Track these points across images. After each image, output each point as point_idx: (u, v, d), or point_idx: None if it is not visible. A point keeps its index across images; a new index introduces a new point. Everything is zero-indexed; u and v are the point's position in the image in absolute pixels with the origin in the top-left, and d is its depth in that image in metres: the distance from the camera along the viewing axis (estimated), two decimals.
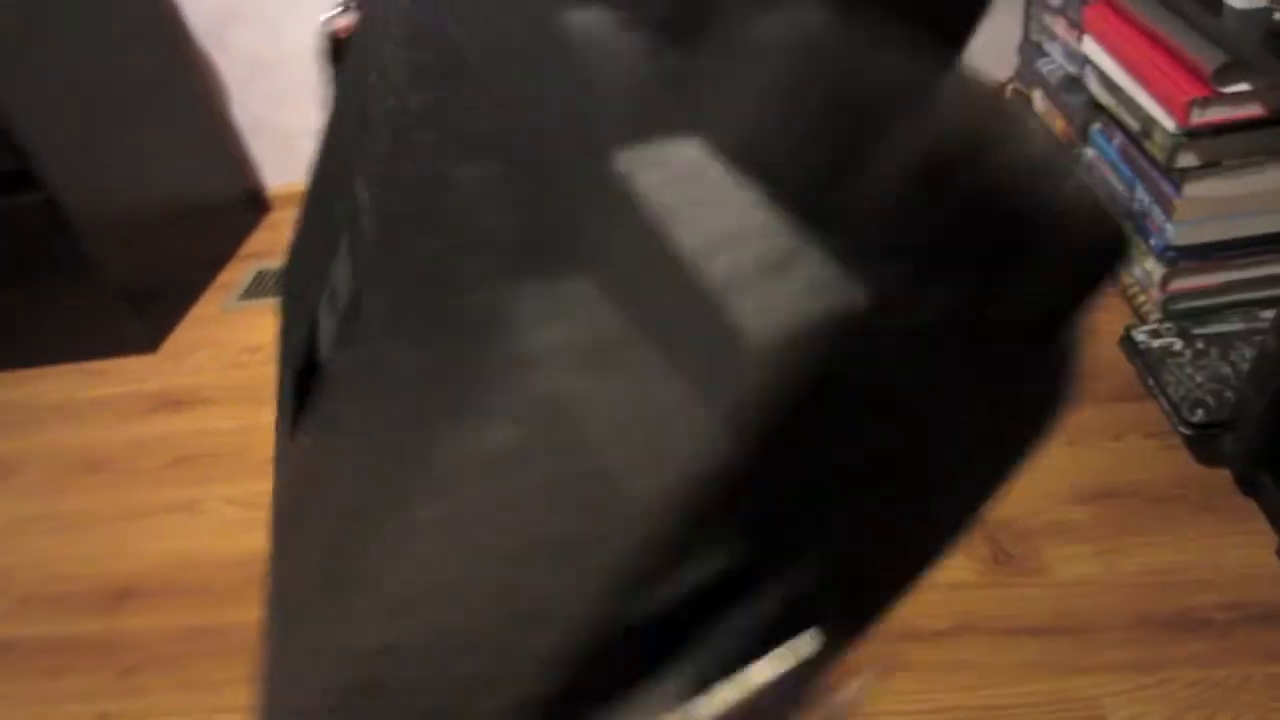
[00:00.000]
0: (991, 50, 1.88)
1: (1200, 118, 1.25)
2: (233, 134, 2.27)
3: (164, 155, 2.02)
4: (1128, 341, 1.35)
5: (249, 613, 1.27)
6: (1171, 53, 1.31)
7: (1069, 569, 1.14)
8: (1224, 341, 1.29)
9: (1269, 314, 1.31)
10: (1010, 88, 1.97)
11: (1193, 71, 1.27)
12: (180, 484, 1.53)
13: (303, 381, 0.30)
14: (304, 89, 2.18)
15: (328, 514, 0.28)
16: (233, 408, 1.69)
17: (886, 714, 0.27)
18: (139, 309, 1.85)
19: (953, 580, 1.13)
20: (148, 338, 1.88)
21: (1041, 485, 1.25)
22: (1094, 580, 1.12)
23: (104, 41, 1.87)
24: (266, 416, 1.63)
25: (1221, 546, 1.13)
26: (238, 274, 2.15)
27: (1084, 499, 1.23)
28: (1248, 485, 1.19)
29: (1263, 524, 1.15)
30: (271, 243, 2.26)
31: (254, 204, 2.36)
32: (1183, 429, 1.21)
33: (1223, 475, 1.22)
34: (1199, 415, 1.20)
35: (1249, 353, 1.26)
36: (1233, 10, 1.19)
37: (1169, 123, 1.29)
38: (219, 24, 2.11)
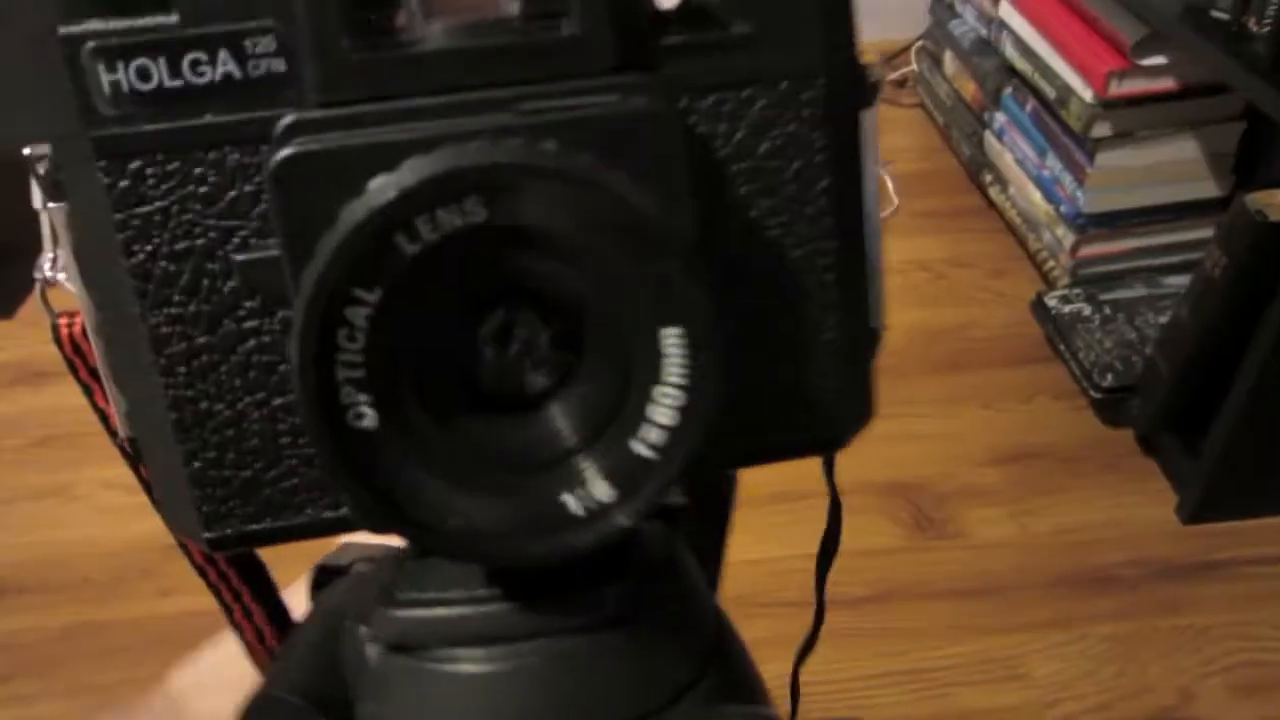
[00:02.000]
0: (902, 10, 1.88)
1: (1117, 89, 1.28)
2: None
3: None
4: (1039, 306, 1.39)
5: (136, 606, 1.16)
6: (1090, 23, 1.33)
7: (986, 531, 1.17)
8: (1130, 307, 1.33)
9: (1172, 280, 1.36)
10: (919, 47, 1.98)
11: (1111, 42, 1.29)
12: (48, 467, 1.36)
13: None
14: None
15: None
16: None
17: (812, 683, 0.27)
18: None
19: (874, 546, 1.15)
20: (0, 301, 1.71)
21: (956, 448, 1.28)
22: (1010, 542, 1.16)
23: None
24: None
25: (1126, 505, 1.19)
26: None
27: (997, 461, 1.26)
28: (1150, 447, 1.24)
29: (1163, 483, 1.21)
30: None
31: None
32: (1093, 393, 1.25)
33: (1125, 436, 1.27)
34: (1108, 380, 1.24)
35: (1153, 318, 1.31)
36: None
37: (1086, 93, 1.32)
38: None
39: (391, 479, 0.18)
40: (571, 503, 0.19)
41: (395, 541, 0.23)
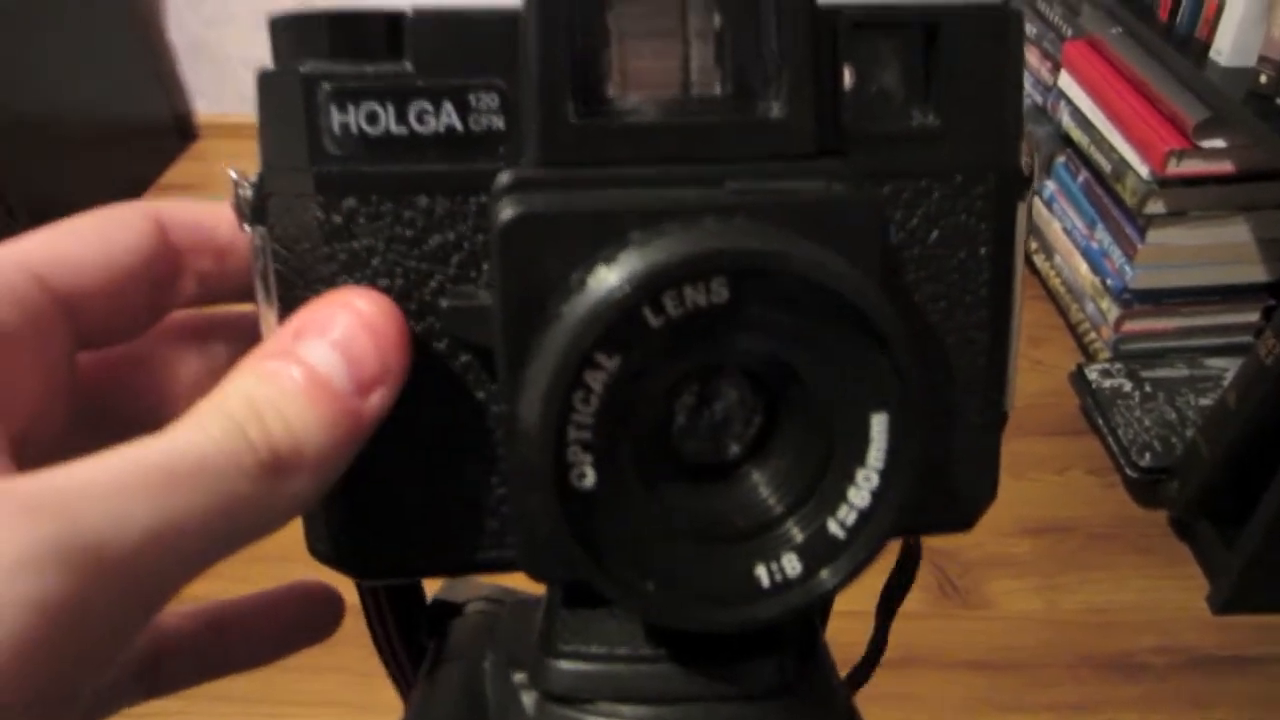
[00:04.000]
0: None
1: (1175, 168, 1.27)
2: (167, 55, 2.12)
3: (85, 68, 1.87)
4: (1079, 378, 1.37)
5: None
6: (1151, 100, 1.33)
7: (1012, 603, 1.16)
8: (1171, 386, 1.32)
9: (1215, 362, 1.35)
10: None
11: (1172, 121, 1.29)
12: None
13: None
14: (249, 15, 2.04)
15: None
16: None
17: None
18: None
19: (900, 610, 1.13)
20: None
21: (986, 516, 1.26)
22: (1037, 616, 1.14)
23: None
24: None
25: (1158, 589, 1.17)
26: None
27: (1027, 532, 1.25)
28: (1184, 531, 1.22)
29: (1195, 569, 1.19)
30: (196, 174, 2.13)
31: (181, 131, 2.21)
32: (1130, 471, 1.24)
33: (1159, 518, 1.25)
34: (1146, 459, 1.23)
35: (1195, 399, 1.29)
36: (1217, 66, 1.21)
37: (1143, 169, 1.31)
38: None
39: (604, 537, 0.18)
40: (763, 575, 0.19)
41: (519, 584, 0.23)
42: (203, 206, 0.24)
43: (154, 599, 0.17)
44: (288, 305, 0.22)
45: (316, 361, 0.19)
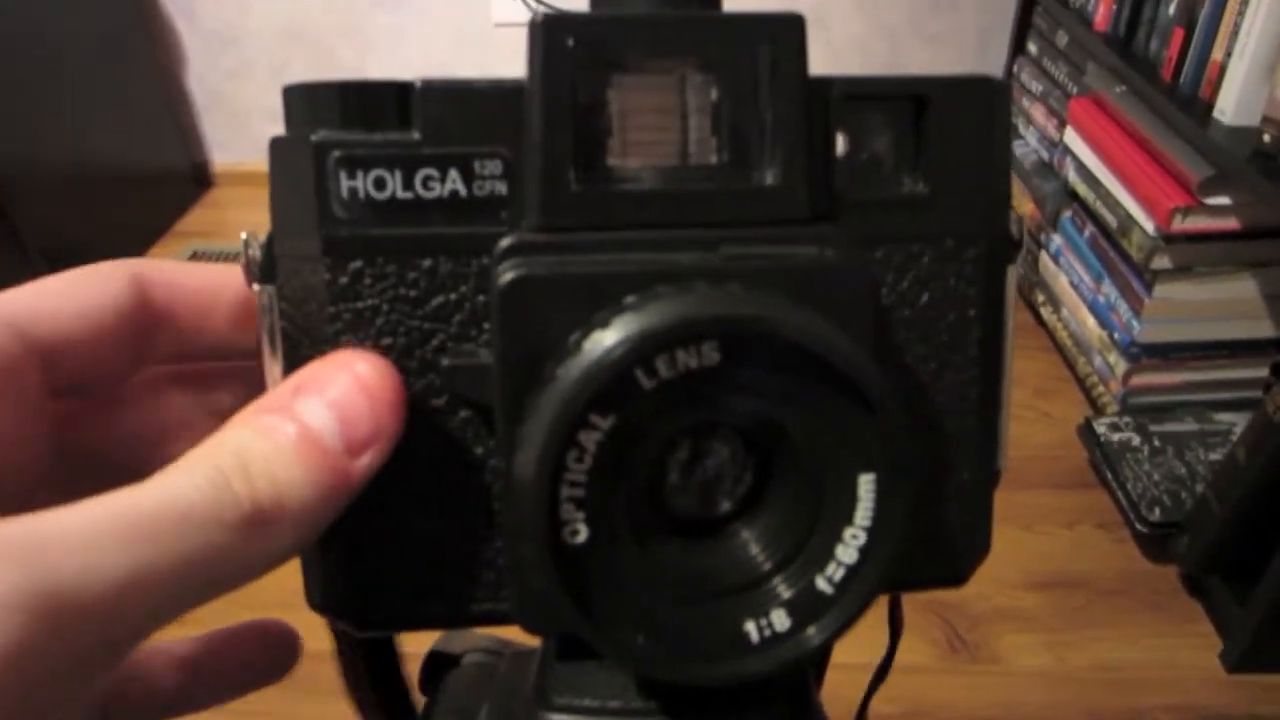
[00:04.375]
0: None
1: (1180, 225, 1.28)
2: (186, 105, 2.16)
3: (107, 117, 1.91)
4: (1087, 431, 1.37)
5: None
6: (1156, 157, 1.34)
7: (1021, 659, 1.14)
8: (1180, 441, 1.32)
9: (1224, 417, 1.34)
10: None
11: (1177, 178, 1.30)
12: None
13: None
14: (265, 68, 2.08)
15: None
16: None
17: None
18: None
19: (904, 663, 1.11)
20: None
21: (993, 569, 1.24)
22: (1046, 672, 1.13)
23: None
24: None
25: (1169, 646, 1.15)
26: (172, 250, 2.03)
27: (1035, 585, 1.24)
28: (1195, 587, 1.21)
29: (1207, 626, 1.18)
30: (210, 222, 2.15)
31: (197, 179, 2.24)
32: (1140, 526, 1.23)
33: (1169, 573, 1.24)
34: (1156, 514, 1.22)
35: (1204, 454, 1.29)
36: (1221, 126, 1.22)
37: (1149, 225, 1.32)
38: None
39: (594, 592, 0.19)
40: (752, 630, 0.20)
41: (516, 636, 0.24)
42: (184, 267, 0.25)
43: (122, 646, 0.17)
44: (292, 362, 0.22)
45: (311, 419, 0.19)
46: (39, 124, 1.71)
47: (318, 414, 0.20)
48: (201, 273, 0.25)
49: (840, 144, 0.22)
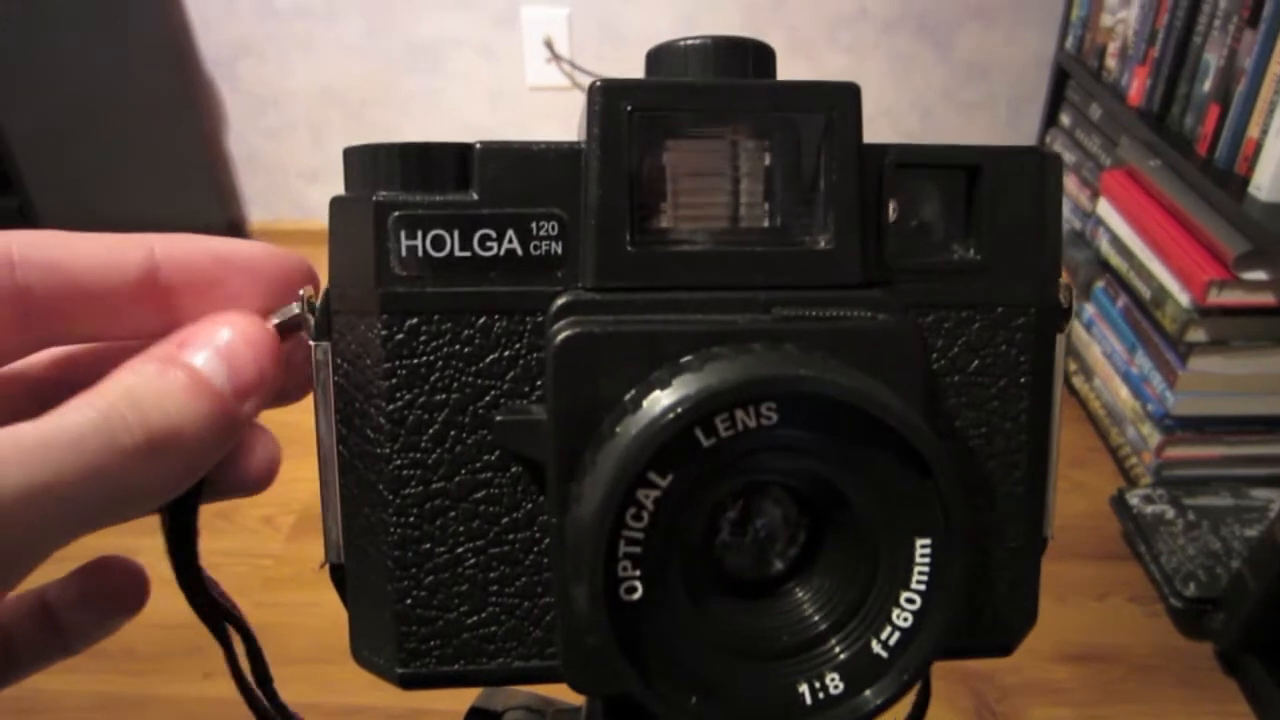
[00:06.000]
0: None
1: (1216, 298, 1.28)
2: (225, 164, 2.22)
3: (150, 175, 1.96)
4: (1120, 503, 1.36)
5: (177, 685, 1.15)
6: (1190, 230, 1.35)
7: None
8: (1215, 515, 1.30)
9: (1260, 493, 1.33)
10: None
11: (1212, 252, 1.30)
12: (118, 530, 1.40)
13: None
14: (304, 129, 2.14)
15: None
16: None
17: None
18: None
19: None
20: None
21: (1026, 640, 1.24)
22: None
23: (109, 58, 1.81)
24: None
25: None
26: None
27: (1067, 659, 1.22)
28: (1231, 665, 1.19)
29: (1243, 706, 1.15)
30: None
31: (234, 237, 2.28)
32: (1174, 601, 1.21)
33: (1204, 649, 1.22)
34: (1191, 589, 1.20)
35: (1239, 530, 1.27)
36: (1256, 201, 1.23)
37: (1184, 297, 1.32)
38: (231, 55, 2.07)
39: (649, 650, 0.19)
40: (806, 692, 0.20)
41: (559, 694, 0.24)
42: (70, 243, 0.24)
43: (26, 558, 0.19)
44: (345, 418, 0.23)
45: (201, 365, 0.21)
46: (82, 179, 1.76)
47: (209, 362, 0.21)
48: (90, 246, 0.23)
49: (891, 210, 0.22)
